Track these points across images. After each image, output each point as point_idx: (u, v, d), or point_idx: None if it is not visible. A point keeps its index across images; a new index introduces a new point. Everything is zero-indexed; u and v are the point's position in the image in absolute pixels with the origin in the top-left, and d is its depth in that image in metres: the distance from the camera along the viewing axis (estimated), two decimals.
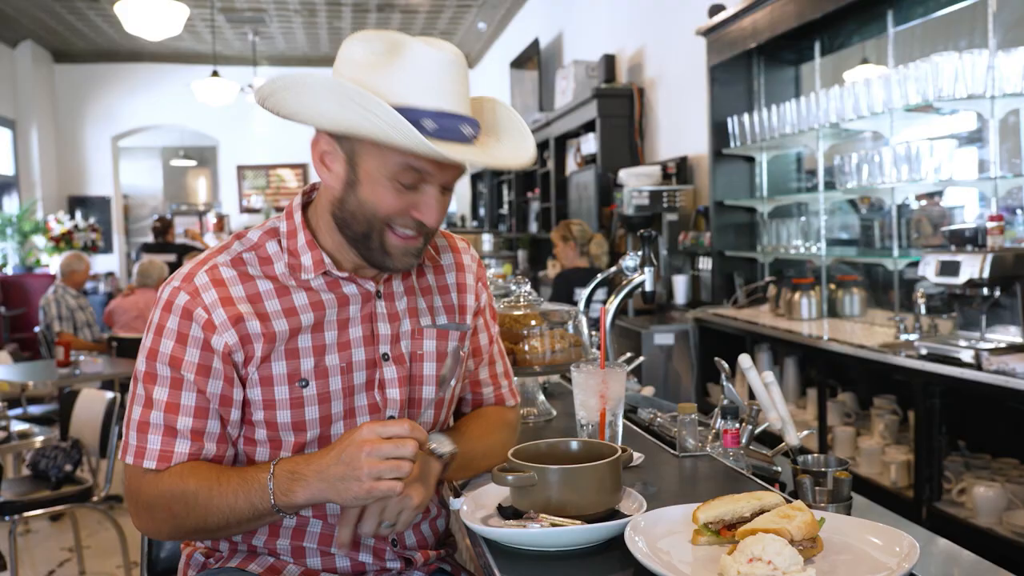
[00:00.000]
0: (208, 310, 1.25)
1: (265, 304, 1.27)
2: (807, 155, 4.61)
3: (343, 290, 1.33)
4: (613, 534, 1.15)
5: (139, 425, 1.25)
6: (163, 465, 1.24)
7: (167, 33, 6.96)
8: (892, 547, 1.06)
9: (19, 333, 8.59)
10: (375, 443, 1.12)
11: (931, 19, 3.60)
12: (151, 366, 1.26)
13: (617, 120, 6.21)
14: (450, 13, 9.92)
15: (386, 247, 1.27)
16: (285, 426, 1.29)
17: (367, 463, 1.12)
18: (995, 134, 3.11)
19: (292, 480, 1.18)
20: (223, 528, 1.23)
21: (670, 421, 1.76)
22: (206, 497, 1.21)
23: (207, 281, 1.27)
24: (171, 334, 1.25)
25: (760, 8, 4.19)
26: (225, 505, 1.20)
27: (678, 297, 5.21)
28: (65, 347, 4.68)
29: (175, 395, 1.25)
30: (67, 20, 9.86)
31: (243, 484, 1.21)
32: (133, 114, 11.70)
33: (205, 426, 1.26)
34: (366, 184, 1.24)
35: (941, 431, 2.83)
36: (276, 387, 1.28)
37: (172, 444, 1.24)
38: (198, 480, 1.22)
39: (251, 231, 1.35)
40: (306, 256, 1.31)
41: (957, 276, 2.75)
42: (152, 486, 1.24)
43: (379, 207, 1.24)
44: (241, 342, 1.25)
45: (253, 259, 1.31)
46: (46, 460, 3.49)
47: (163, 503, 1.23)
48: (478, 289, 1.50)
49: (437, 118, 1.18)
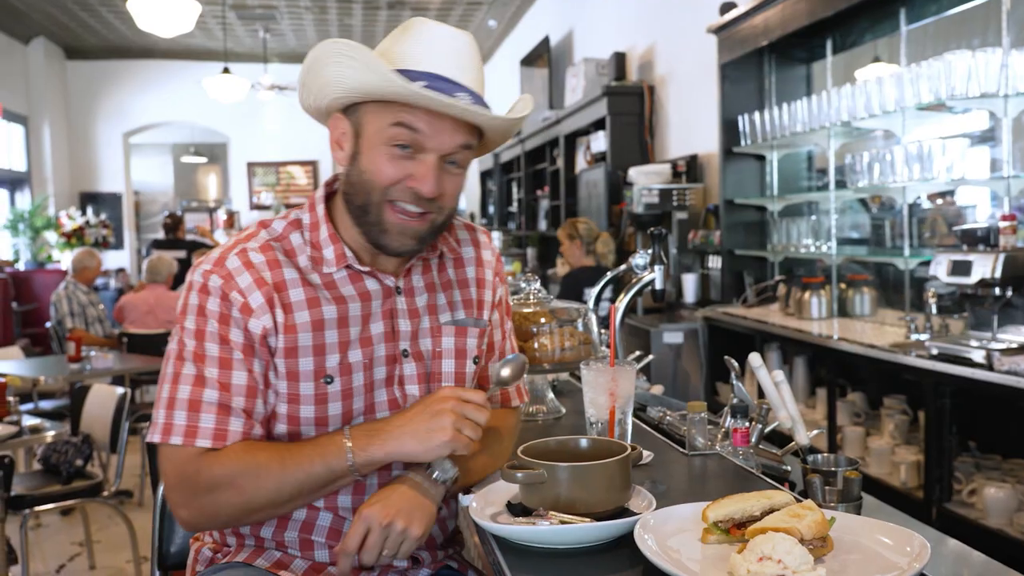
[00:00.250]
0: (244, 293, 1.25)
1: (290, 293, 1.28)
2: (818, 154, 4.60)
3: (365, 285, 1.33)
4: (622, 532, 1.14)
5: (191, 404, 1.23)
6: (219, 444, 1.23)
7: (179, 30, 6.99)
8: (903, 547, 1.06)
9: (31, 328, 8.64)
10: (460, 401, 1.22)
11: (944, 17, 3.58)
12: (200, 346, 1.25)
13: (627, 118, 6.20)
14: (460, 10, 9.91)
15: (383, 223, 1.27)
16: (308, 421, 1.29)
17: (452, 415, 1.20)
18: (1008, 133, 3.09)
19: (371, 436, 1.22)
20: (296, 497, 1.24)
21: (679, 419, 1.75)
22: (279, 467, 1.21)
23: (239, 264, 1.27)
24: (214, 315, 1.25)
25: (772, 6, 4.18)
26: (301, 472, 1.21)
27: (688, 296, 5.20)
28: (76, 343, 4.70)
29: (226, 374, 1.24)
30: (79, 17, 9.91)
31: (317, 448, 1.23)
32: (144, 111, 11.75)
33: (255, 406, 1.26)
34: (366, 153, 1.26)
35: (951, 431, 2.81)
36: (302, 382, 1.28)
37: (227, 422, 1.23)
38: (267, 452, 1.23)
39: (275, 222, 1.35)
40: (328, 249, 1.31)
41: (969, 276, 2.74)
42: (212, 465, 1.21)
43: (376, 175, 1.25)
44: (275, 328, 1.26)
45: (280, 249, 1.31)
46: (57, 455, 3.51)
47: (228, 481, 1.21)
48: (495, 283, 1.50)
49: (430, 79, 1.22)
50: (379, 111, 1.24)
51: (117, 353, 5.25)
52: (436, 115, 1.22)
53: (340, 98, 1.27)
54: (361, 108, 1.27)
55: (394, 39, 1.27)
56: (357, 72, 1.20)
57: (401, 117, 1.22)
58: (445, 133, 1.24)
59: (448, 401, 1.22)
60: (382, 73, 1.18)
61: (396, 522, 1.20)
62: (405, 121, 1.22)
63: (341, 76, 1.22)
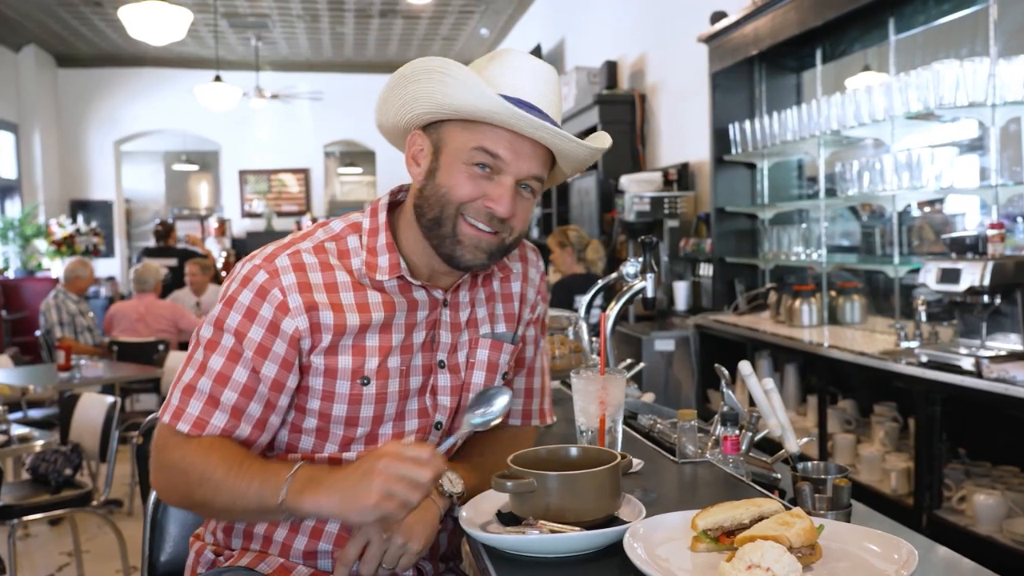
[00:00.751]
0: (284, 292, 1.25)
1: (340, 295, 1.29)
2: (808, 162, 4.62)
3: (413, 295, 1.34)
4: (612, 540, 1.14)
5: (185, 388, 1.26)
6: (195, 432, 1.24)
7: (170, 38, 6.99)
8: (891, 554, 1.06)
9: (20, 337, 8.58)
10: (395, 459, 1.12)
11: (932, 27, 3.60)
12: (217, 334, 1.27)
13: (619, 126, 6.22)
14: (453, 19, 9.94)
15: (458, 234, 1.28)
16: (338, 419, 1.31)
17: (382, 476, 1.11)
18: (996, 142, 3.11)
19: (307, 484, 1.17)
20: (226, 511, 1.24)
21: (670, 427, 1.76)
22: (222, 476, 1.20)
23: (288, 264, 1.27)
24: (241, 308, 1.26)
25: (762, 15, 4.20)
26: (236, 490, 1.20)
27: (679, 303, 5.21)
28: (66, 351, 4.68)
29: (229, 367, 1.25)
30: (71, 24, 9.89)
31: (260, 474, 1.20)
32: (136, 118, 11.73)
33: (247, 407, 1.26)
34: (444, 169, 1.27)
35: (941, 438, 2.82)
36: (339, 380, 1.29)
37: (210, 414, 1.25)
38: (221, 458, 1.22)
39: (334, 221, 1.37)
40: (383, 257, 1.32)
41: (958, 284, 2.75)
42: (176, 448, 1.24)
43: (453, 190, 1.26)
44: (311, 329, 1.26)
45: (334, 249, 1.32)
46: (46, 464, 3.49)
47: (180, 468, 1.23)
48: (536, 302, 1.51)
49: (515, 103, 1.23)
50: (463, 131, 1.26)
51: (107, 362, 5.23)
52: (517, 140, 1.24)
53: (426, 114, 1.28)
54: (443, 126, 1.28)
55: (481, 65, 1.29)
56: (451, 88, 1.22)
57: (484, 141, 1.24)
58: (524, 158, 1.26)
59: (382, 460, 1.12)
60: (480, 92, 1.20)
61: (396, 535, 1.21)
62: (487, 146, 1.24)
63: (432, 91, 1.24)
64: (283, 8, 9.40)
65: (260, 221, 12.27)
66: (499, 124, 1.23)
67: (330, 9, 9.47)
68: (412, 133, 1.33)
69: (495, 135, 1.24)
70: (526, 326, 1.49)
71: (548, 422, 1.59)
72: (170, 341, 5.72)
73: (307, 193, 12.56)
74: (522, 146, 1.25)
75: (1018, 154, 3.16)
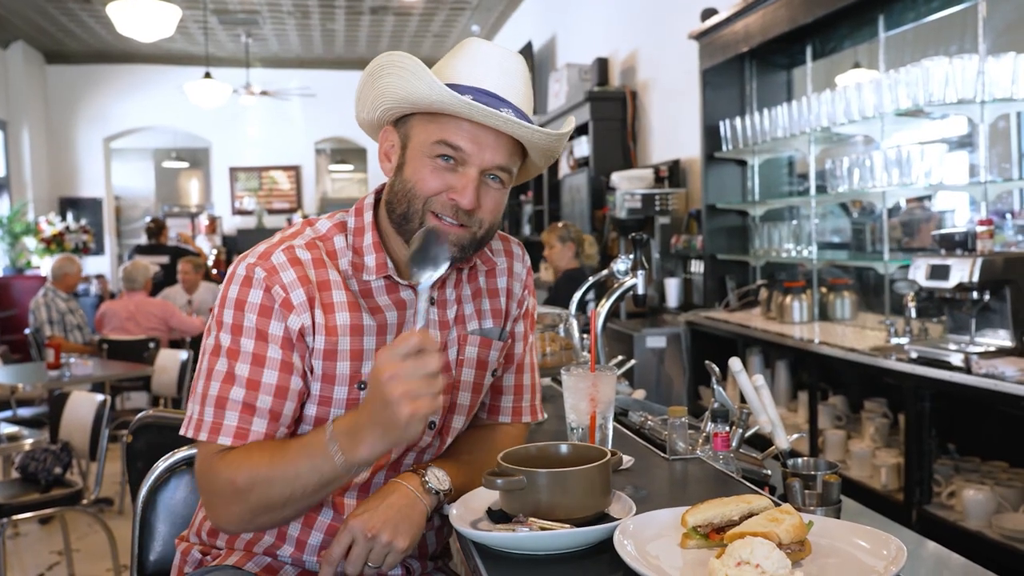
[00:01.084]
0: (286, 289, 1.25)
1: (332, 293, 1.28)
2: (799, 159, 4.63)
3: (400, 295, 1.34)
4: (602, 537, 1.14)
5: (217, 400, 1.23)
6: (239, 442, 1.23)
7: (160, 34, 6.95)
8: (880, 550, 1.06)
9: (9, 335, 8.55)
10: (395, 367, 1.08)
11: (922, 24, 3.61)
12: (235, 341, 1.24)
13: (610, 123, 6.23)
14: (444, 15, 9.92)
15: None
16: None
17: (396, 390, 1.07)
18: (985, 139, 3.12)
19: (350, 438, 1.15)
20: (289, 501, 1.20)
21: (661, 424, 1.76)
22: (267, 467, 1.19)
23: (284, 260, 1.27)
24: (253, 308, 1.25)
25: (752, 12, 4.20)
26: (290, 473, 1.18)
27: (670, 300, 5.22)
28: (55, 349, 4.66)
29: (257, 372, 1.24)
30: (59, 21, 9.83)
31: (303, 449, 1.18)
32: (125, 115, 11.67)
33: (283, 407, 1.25)
34: (410, 163, 1.28)
35: (931, 434, 2.84)
36: (336, 386, 1.29)
37: (250, 422, 1.23)
38: (261, 451, 1.21)
39: (319, 221, 1.36)
40: (370, 257, 1.32)
41: (947, 280, 2.76)
42: (221, 463, 1.22)
43: (418, 185, 1.26)
44: (313, 327, 1.26)
45: (322, 249, 1.32)
46: (35, 463, 3.47)
47: (227, 478, 1.21)
48: (523, 296, 1.51)
49: (476, 93, 1.24)
50: (426, 124, 1.27)
51: (97, 360, 5.21)
52: (479, 129, 1.24)
53: (391, 109, 1.29)
54: (410, 121, 1.29)
55: (448, 57, 1.31)
56: (406, 82, 1.23)
57: (445, 134, 1.24)
58: (487, 149, 1.25)
59: (384, 375, 1.08)
60: (429, 82, 1.20)
61: (382, 534, 1.20)
62: (448, 139, 1.24)
63: (393, 86, 1.25)
64: (273, 4, 9.36)
65: (251, 218, 12.22)
66: (457, 115, 1.23)
67: (320, 5, 9.44)
68: (384, 129, 1.34)
69: (456, 127, 1.24)
70: (514, 321, 1.49)
71: (539, 419, 1.58)
72: (160, 339, 5.70)
73: (298, 190, 12.52)
74: (484, 136, 1.25)
75: (1007, 151, 3.18)
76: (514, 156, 1.30)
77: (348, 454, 1.15)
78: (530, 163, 1.37)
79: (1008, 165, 3.19)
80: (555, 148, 1.34)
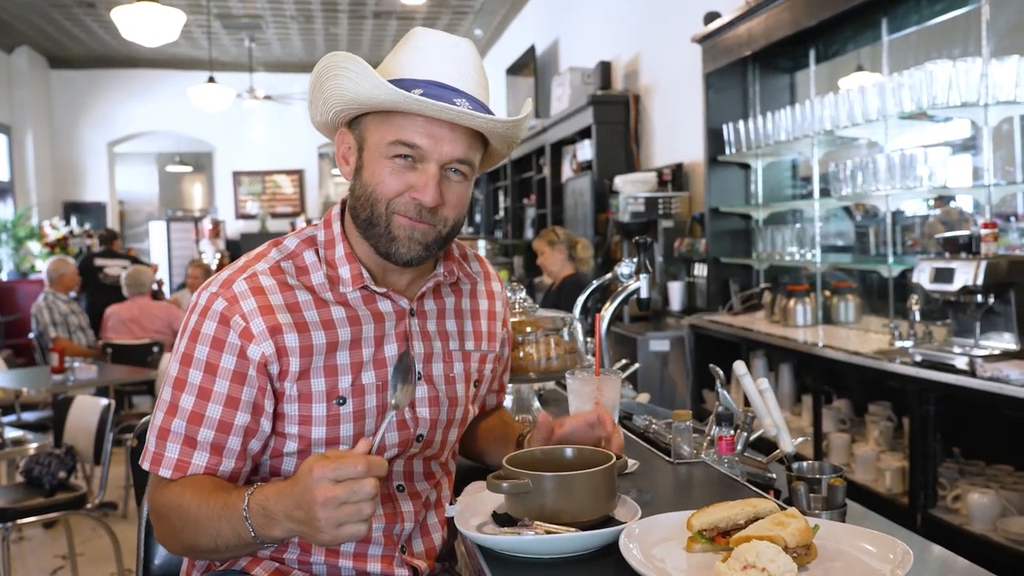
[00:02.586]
0: (246, 318, 1.22)
1: (304, 314, 1.26)
2: (802, 162, 4.63)
3: (378, 307, 1.32)
4: (607, 541, 1.14)
5: (159, 431, 1.23)
6: (178, 475, 1.22)
7: (164, 39, 6.97)
8: (886, 554, 1.06)
9: (13, 339, 8.56)
10: (328, 492, 1.02)
11: (925, 27, 3.61)
12: (183, 372, 1.23)
13: (613, 127, 6.23)
14: (447, 20, 9.94)
15: (391, 231, 1.26)
16: (319, 442, 1.28)
17: (324, 516, 1.02)
18: (989, 142, 3.12)
19: (266, 517, 1.11)
20: (212, 551, 1.20)
21: (665, 428, 1.76)
22: (194, 515, 1.17)
23: (246, 289, 1.25)
24: (206, 339, 1.23)
25: (755, 15, 4.21)
26: (212, 528, 1.16)
27: (674, 304, 5.22)
28: (60, 353, 4.67)
29: (201, 405, 1.22)
30: (63, 26, 9.86)
31: (225, 510, 1.15)
32: (129, 120, 11.70)
33: (226, 441, 1.23)
34: (368, 166, 1.26)
35: (936, 438, 2.83)
36: (314, 404, 1.26)
37: (190, 455, 1.22)
38: (192, 494, 1.19)
39: (287, 239, 1.34)
40: (344, 269, 1.30)
41: (951, 283, 2.76)
42: (161, 495, 1.23)
43: (378, 188, 1.25)
44: (277, 354, 1.23)
45: (291, 268, 1.29)
46: (40, 467, 3.48)
47: (165, 513, 1.22)
48: (506, 315, 1.54)
49: (427, 86, 1.22)
50: (380, 123, 1.25)
51: (101, 364, 5.21)
52: (434, 123, 1.22)
53: (342, 111, 1.28)
54: (363, 121, 1.27)
55: (396, 50, 1.28)
56: (353, 83, 1.21)
57: (400, 133, 1.22)
58: (444, 142, 1.23)
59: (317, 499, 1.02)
60: (375, 83, 1.18)
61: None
62: (403, 137, 1.22)
63: (341, 88, 1.23)
64: (276, 9, 9.39)
65: (254, 222, 12.24)
66: (407, 111, 1.21)
67: (324, 10, 9.46)
68: (339, 131, 1.32)
69: (410, 124, 1.22)
70: (501, 345, 1.53)
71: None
72: (164, 342, 5.71)
73: (301, 194, 12.55)
74: (439, 130, 1.22)
75: (1011, 154, 3.17)
76: (473, 146, 1.27)
77: (262, 531, 1.12)
78: (493, 150, 1.36)
79: (1012, 168, 3.18)
80: (514, 135, 1.32)
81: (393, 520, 1.35)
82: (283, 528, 1.10)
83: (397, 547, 1.35)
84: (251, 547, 1.18)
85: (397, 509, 1.35)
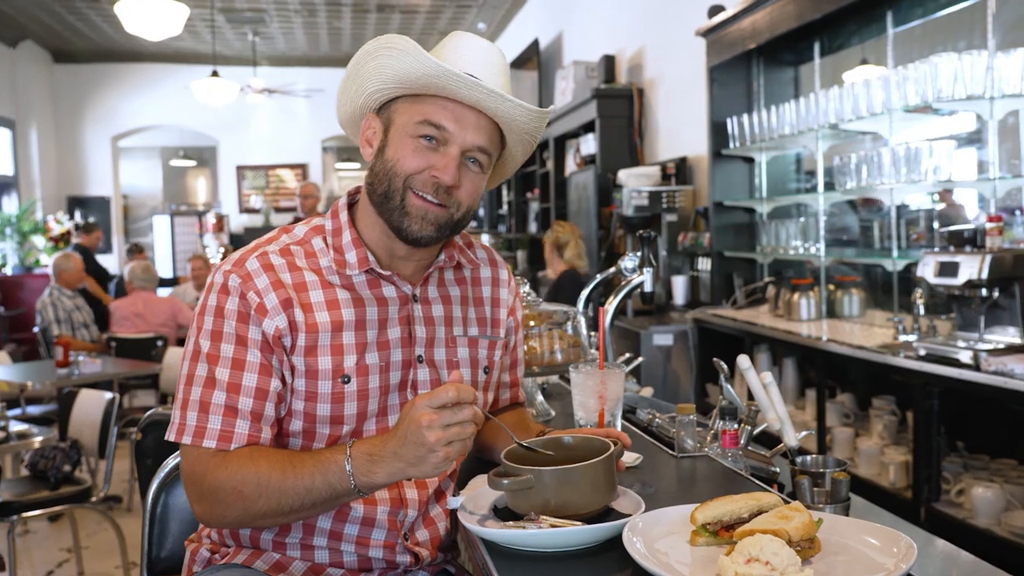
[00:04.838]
0: (260, 294, 1.28)
1: (310, 294, 1.31)
2: (806, 156, 4.61)
3: (382, 291, 1.37)
4: (611, 535, 1.14)
5: (200, 405, 1.26)
6: (223, 445, 1.25)
7: (167, 33, 6.96)
8: (890, 548, 1.06)
9: (18, 333, 8.58)
10: (432, 417, 1.13)
11: (930, 20, 3.60)
12: (215, 347, 1.28)
13: (617, 121, 6.21)
14: (450, 13, 9.92)
15: (406, 206, 1.31)
16: (323, 419, 1.32)
17: (432, 437, 1.13)
18: (994, 135, 3.11)
19: (371, 462, 1.19)
20: (297, 510, 1.24)
21: (669, 422, 1.76)
22: (279, 479, 1.22)
23: (258, 266, 1.30)
24: (232, 313, 1.28)
25: (760, 9, 4.19)
26: (302, 487, 1.21)
27: (677, 298, 5.21)
28: (64, 347, 4.68)
29: (237, 375, 1.27)
30: (67, 20, 9.86)
31: (319, 466, 1.21)
32: (133, 114, 11.70)
33: (263, 408, 1.28)
34: (392, 144, 1.32)
35: (940, 432, 2.83)
36: (320, 380, 1.31)
37: (233, 424, 1.26)
38: (270, 462, 1.23)
39: (297, 227, 1.40)
40: (351, 253, 1.35)
41: (956, 277, 2.75)
42: (220, 469, 1.24)
43: (400, 163, 1.30)
44: (289, 328, 1.29)
45: (300, 252, 1.35)
46: (45, 460, 3.49)
47: (231, 486, 1.23)
48: (514, 304, 1.55)
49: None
50: (410, 105, 1.31)
51: (105, 357, 5.23)
52: (461, 110, 1.29)
53: (378, 90, 1.33)
54: (393, 105, 1.34)
55: (437, 47, 1.35)
56: (396, 60, 1.27)
57: (429, 114, 1.29)
58: (468, 129, 1.30)
59: (422, 424, 1.13)
60: (420, 57, 1.24)
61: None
62: (432, 118, 1.29)
63: (381, 66, 1.29)
64: (280, 3, 9.37)
65: (258, 217, 12.25)
66: (441, 94, 1.28)
67: (327, 4, 9.44)
68: (365, 117, 1.38)
69: (439, 106, 1.29)
70: (506, 332, 1.53)
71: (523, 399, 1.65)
72: (168, 336, 5.72)
73: None
74: (466, 116, 1.30)
75: (1016, 147, 3.16)
76: (494, 140, 1.34)
77: (364, 477, 1.20)
78: (506, 157, 1.42)
79: (1017, 161, 3.17)
80: (536, 130, 1.38)
81: (398, 505, 1.37)
82: (388, 468, 1.18)
83: (400, 533, 1.37)
84: (340, 499, 1.24)
85: (402, 495, 1.38)
